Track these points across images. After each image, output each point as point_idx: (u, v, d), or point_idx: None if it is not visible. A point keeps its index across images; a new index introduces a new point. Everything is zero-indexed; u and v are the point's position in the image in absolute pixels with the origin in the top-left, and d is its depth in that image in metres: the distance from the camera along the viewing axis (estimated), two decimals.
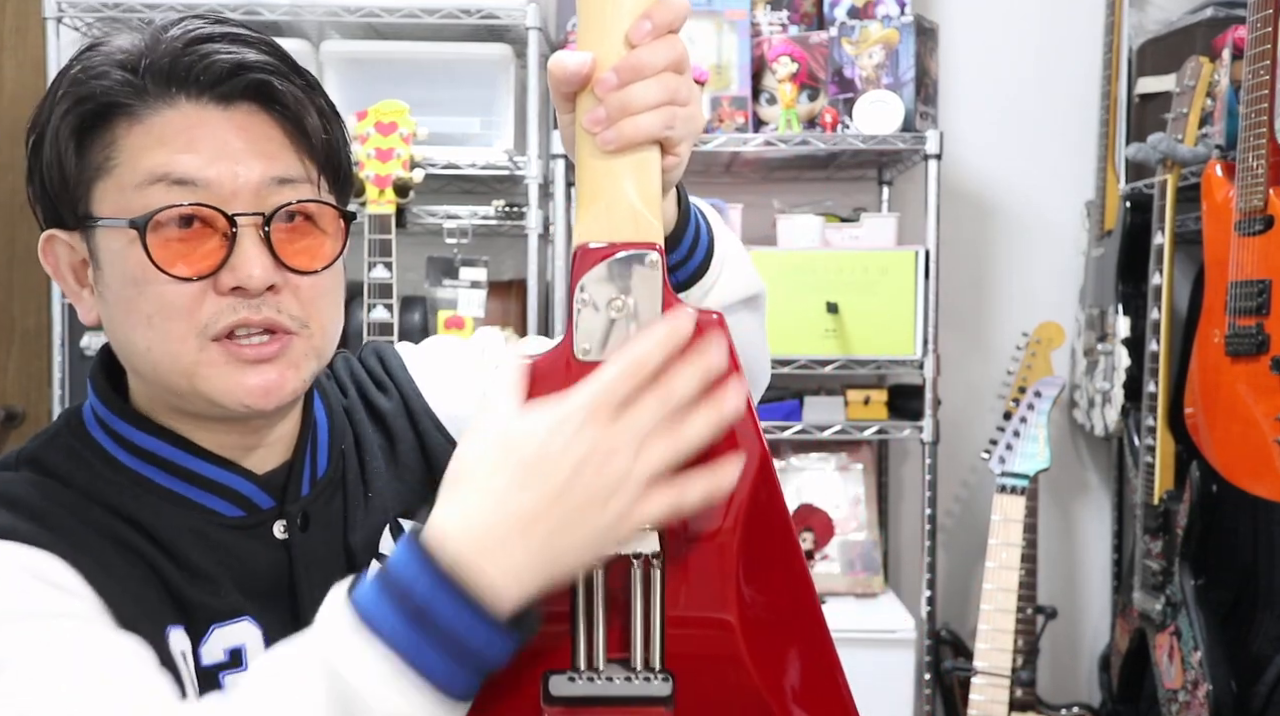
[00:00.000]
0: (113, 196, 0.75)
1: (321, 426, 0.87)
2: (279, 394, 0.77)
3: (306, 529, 0.83)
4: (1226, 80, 1.97)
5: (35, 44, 2.38)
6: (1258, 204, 1.77)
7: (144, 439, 0.79)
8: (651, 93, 0.71)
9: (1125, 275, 2.25)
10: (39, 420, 2.41)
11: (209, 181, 0.74)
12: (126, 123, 0.75)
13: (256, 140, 0.76)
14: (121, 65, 0.75)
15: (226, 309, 0.74)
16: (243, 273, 0.74)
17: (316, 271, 0.78)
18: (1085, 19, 2.51)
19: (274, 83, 0.76)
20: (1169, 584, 2.04)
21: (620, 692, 0.72)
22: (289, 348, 0.77)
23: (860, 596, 2.30)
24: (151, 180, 0.74)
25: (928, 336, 2.17)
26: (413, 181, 2.00)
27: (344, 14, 2.15)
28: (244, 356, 0.75)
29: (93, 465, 0.78)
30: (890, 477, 2.55)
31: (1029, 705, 2.22)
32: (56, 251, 0.80)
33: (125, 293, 0.75)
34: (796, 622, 0.74)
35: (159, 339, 0.75)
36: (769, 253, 2.18)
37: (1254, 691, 1.91)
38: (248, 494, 0.81)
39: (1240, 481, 1.84)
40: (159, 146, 0.74)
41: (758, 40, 2.28)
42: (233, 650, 0.77)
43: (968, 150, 2.55)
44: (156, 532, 0.77)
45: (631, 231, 0.71)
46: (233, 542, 0.80)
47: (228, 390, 0.75)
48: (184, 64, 0.75)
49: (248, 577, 0.80)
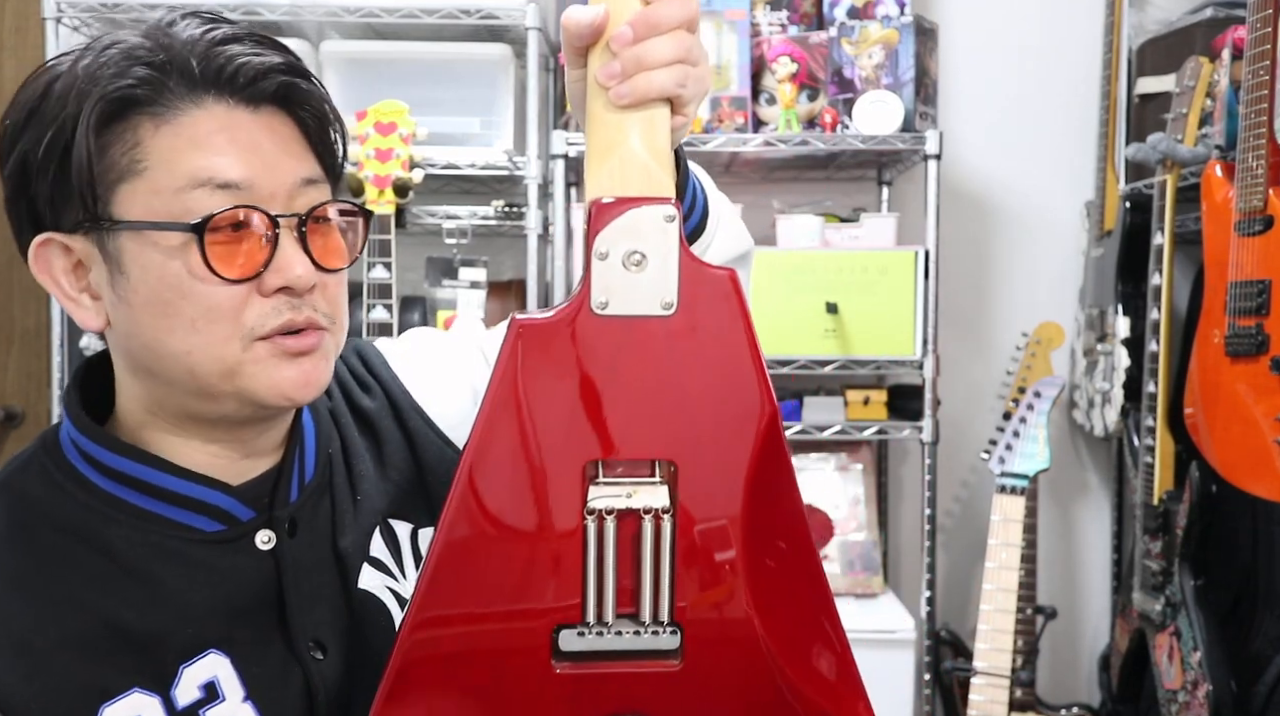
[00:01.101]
0: (144, 199, 0.73)
1: (309, 430, 0.87)
2: (317, 385, 0.78)
3: (295, 535, 0.82)
4: (1226, 80, 1.97)
5: (35, 44, 2.37)
6: (1257, 204, 1.77)
7: (114, 460, 0.78)
8: (666, 48, 0.71)
9: (1125, 275, 2.25)
10: (39, 420, 2.41)
11: (251, 184, 0.74)
12: (151, 123, 0.74)
13: (284, 142, 0.77)
14: (144, 63, 0.74)
15: (271, 311, 0.75)
16: (290, 273, 0.75)
17: (341, 269, 0.80)
18: (1085, 19, 2.51)
19: (299, 84, 0.78)
20: (1169, 584, 2.04)
21: (629, 646, 0.73)
22: (323, 342, 0.78)
23: (860, 596, 2.30)
24: (194, 184, 0.73)
25: (927, 336, 2.17)
26: (412, 182, 2.00)
27: (344, 14, 2.15)
28: (289, 349, 0.76)
29: (66, 488, 0.78)
30: (890, 478, 2.55)
31: (1029, 705, 2.22)
32: (50, 256, 0.77)
33: (164, 296, 0.74)
34: (801, 579, 0.75)
35: (203, 342, 0.74)
36: (769, 253, 2.18)
37: (1254, 691, 1.91)
38: (226, 507, 0.80)
39: (1240, 481, 1.84)
40: (193, 149, 0.73)
41: (757, 40, 2.28)
42: (206, 684, 0.77)
43: (967, 150, 2.55)
44: (125, 560, 0.76)
45: (645, 185, 0.72)
46: (212, 559, 0.79)
47: (272, 384, 0.76)
48: (214, 65, 0.75)
49: (228, 594, 0.79)
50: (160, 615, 0.76)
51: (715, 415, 0.72)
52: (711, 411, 0.72)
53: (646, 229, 0.71)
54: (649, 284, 0.71)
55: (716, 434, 0.73)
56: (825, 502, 2.29)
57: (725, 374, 0.72)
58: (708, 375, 0.72)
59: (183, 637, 0.76)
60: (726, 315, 0.72)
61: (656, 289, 0.71)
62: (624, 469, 0.73)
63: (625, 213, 0.71)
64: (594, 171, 0.72)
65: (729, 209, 0.92)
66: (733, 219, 0.92)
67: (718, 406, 0.72)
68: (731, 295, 0.72)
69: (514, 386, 0.71)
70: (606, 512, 0.72)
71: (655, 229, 0.71)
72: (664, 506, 0.72)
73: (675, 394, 0.72)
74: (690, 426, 0.72)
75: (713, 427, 0.72)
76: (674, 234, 0.71)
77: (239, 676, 0.78)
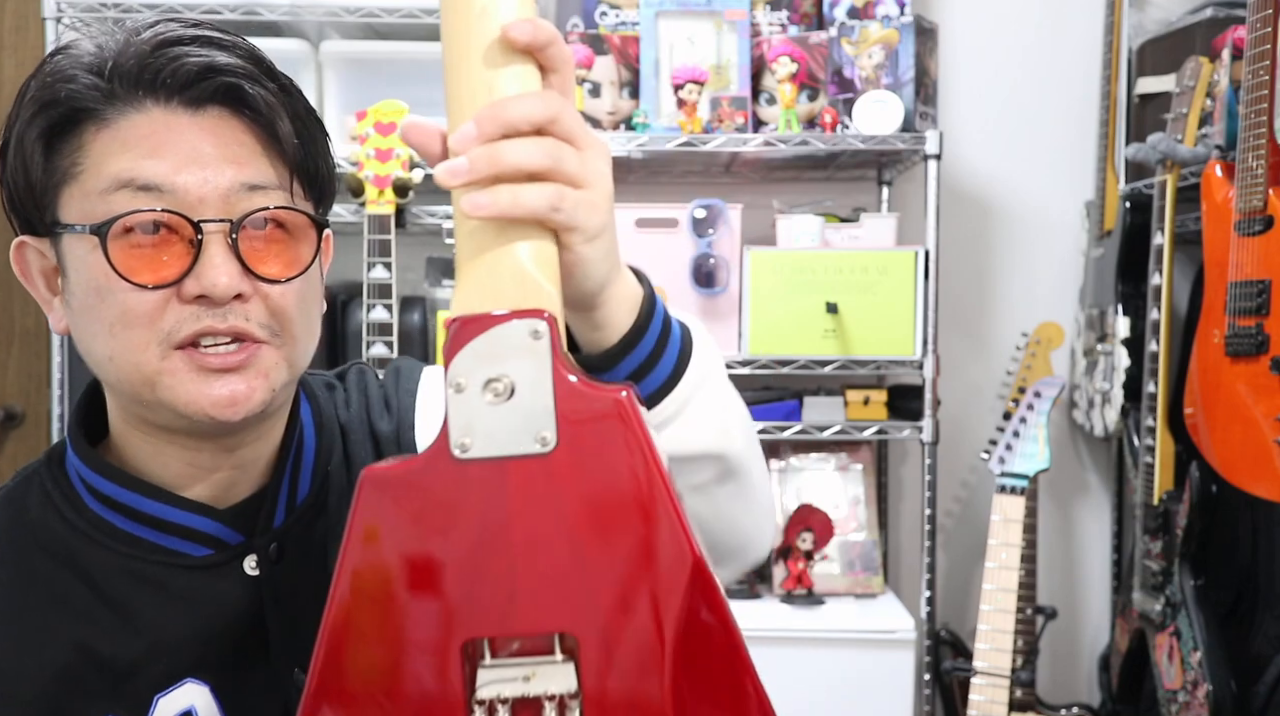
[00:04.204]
0: (78, 202, 0.73)
1: (308, 446, 0.84)
2: (246, 404, 0.73)
3: (281, 560, 0.80)
4: (1226, 80, 1.97)
5: (35, 44, 2.38)
6: (1257, 204, 1.77)
7: (103, 484, 0.77)
8: (528, 152, 0.60)
9: (1125, 275, 2.25)
10: (39, 420, 2.42)
11: (175, 187, 0.71)
12: (94, 128, 0.73)
13: (226, 145, 0.73)
14: (89, 69, 0.73)
15: (189, 317, 0.71)
16: (207, 280, 0.71)
17: (286, 280, 0.75)
18: (1085, 19, 2.51)
19: (244, 86, 0.74)
20: (1169, 584, 2.04)
21: None
22: (258, 356, 0.74)
23: (860, 596, 2.30)
24: (116, 186, 0.71)
25: (927, 336, 2.17)
26: (412, 182, 2.00)
27: (344, 14, 2.15)
28: (208, 364, 0.72)
29: (60, 509, 0.78)
30: (890, 478, 2.55)
31: (1028, 705, 2.22)
32: (27, 258, 0.78)
33: (88, 300, 0.73)
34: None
35: (120, 348, 0.72)
36: (769, 252, 2.18)
37: (1254, 691, 1.91)
38: (212, 532, 0.78)
39: (1240, 482, 1.84)
40: (124, 151, 0.72)
41: (757, 40, 2.28)
42: (183, 714, 0.76)
43: (967, 150, 2.55)
44: (104, 589, 0.76)
45: (517, 297, 0.60)
46: (197, 586, 0.77)
47: (191, 400, 0.72)
48: (152, 67, 0.72)
49: (210, 622, 0.77)
50: (135, 645, 0.75)
51: (621, 572, 0.59)
52: (616, 568, 0.59)
53: (509, 349, 0.59)
54: (519, 416, 0.59)
55: (626, 595, 0.59)
56: (825, 502, 2.29)
57: (628, 519, 0.59)
58: (606, 523, 0.59)
59: (157, 668, 0.76)
60: (622, 446, 0.59)
61: (529, 422, 0.59)
62: (519, 645, 0.61)
63: (482, 333, 0.59)
64: (459, 285, 0.61)
65: (720, 395, 0.76)
66: (717, 408, 0.75)
67: (623, 561, 0.59)
68: (627, 418, 0.59)
69: (368, 553, 0.60)
70: (500, 701, 0.60)
71: (520, 348, 0.59)
72: (570, 690, 0.60)
73: (567, 549, 0.59)
74: (592, 588, 0.59)
75: (620, 588, 0.59)
76: (544, 352, 0.59)
77: (218, 704, 0.77)
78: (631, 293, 0.70)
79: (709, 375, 0.74)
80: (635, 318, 0.69)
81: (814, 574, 2.25)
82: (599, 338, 0.69)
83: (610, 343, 0.69)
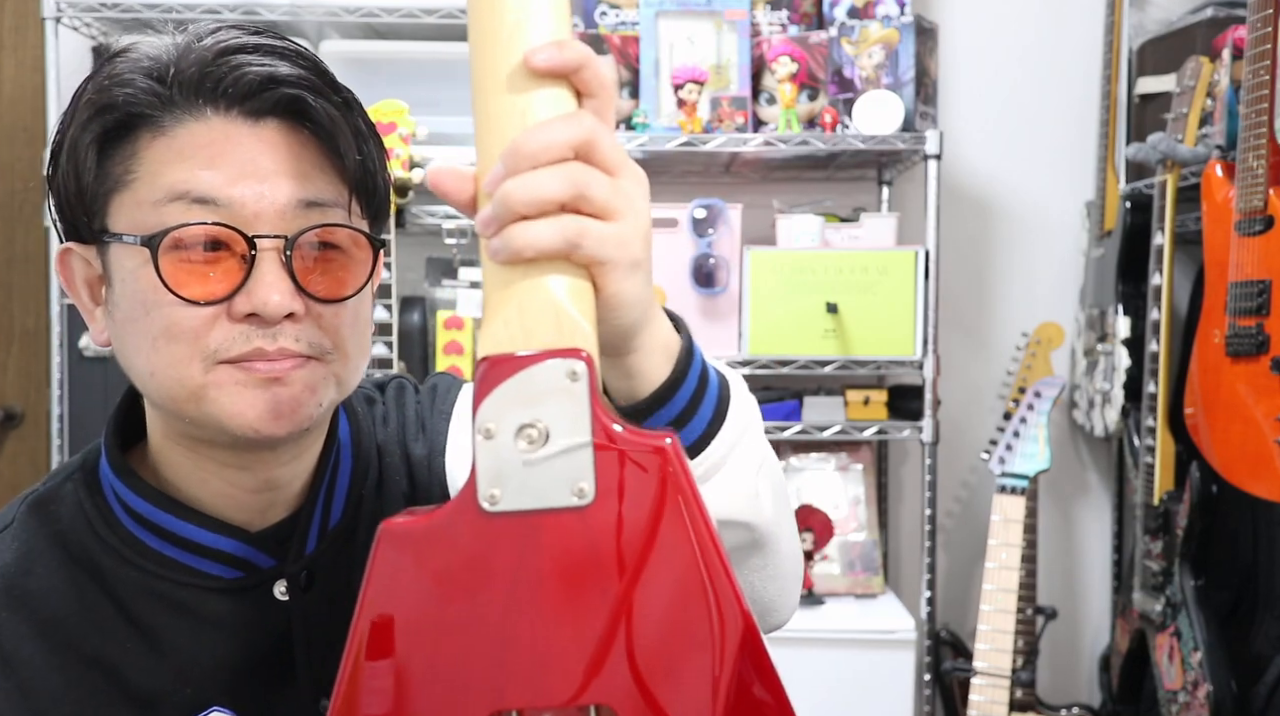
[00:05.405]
0: (129, 211, 0.70)
1: (343, 469, 0.81)
2: (292, 418, 0.70)
3: (310, 587, 0.78)
4: (1226, 80, 1.97)
5: (35, 44, 2.37)
6: (1258, 204, 1.77)
7: (136, 501, 0.75)
8: (544, 185, 0.55)
9: (1125, 275, 2.25)
10: (38, 420, 2.41)
11: (230, 200, 0.69)
12: (150, 135, 0.70)
13: (286, 159, 0.70)
14: (148, 73, 0.70)
15: (239, 337, 0.69)
16: (259, 298, 0.68)
17: (340, 300, 0.72)
18: (1085, 19, 2.51)
19: (307, 99, 0.71)
20: (1169, 584, 2.04)
21: None
22: (306, 368, 0.71)
23: (860, 597, 2.30)
24: (171, 197, 0.69)
25: (927, 336, 2.17)
26: (412, 182, 2.00)
27: (343, 14, 2.15)
28: (256, 372, 0.69)
29: (92, 521, 0.76)
30: (890, 478, 2.55)
31: (1029, 705, 2.22)
32: (72, 265, 0.75)
33: (133, 313, 0.70)
34: None
35: (162, 363, 0.69)
36: (769, 252, 2.18)
37: (1254, 691, 1.91)
38: (243, 556, 0.76)
39: (1240, 482, 1.84)
40: (180, 161, 0.69)
41: (757, 40, 2.28)
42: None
43: (967, 150, 2.55)
44: (132, 610, 0.75)
45: (551, 335, 0.54)
46: (226, 611, 0.76)
47: (237, 412, 0.69)
48: (213, 75, 0.70)
49: (237, 647, 0.76)
50: (160, 673, 0.74)
51: (665, 639, 0.54)
52: (659, 635, 0.54)
53: (544, 392, 0.54)
54: (554, 466, 0.54)
55: (671, 665, 0.54)
56: (825, 502, 2.29)
57: (673, 579, 0.54)
58: (648, 584, 0.54)
59: (181, 696, 0.74)
60: (666, 500, 0.54)
61: (565, 472, 0.54)
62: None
63: (514, 375, 0.54)
64: (486, 321, 0.56)
65: (758, 454, 0.71)
66: (755, 473, 0.70)
67: (668, 627, 0.54)
68: (672, 469, 0.54)
69: (386, 613, 0.55)
70: None
71: (556, 391, 0.54)
72: None
73: (605, 613, 0.54)
74: (632, 657, 0.54)
75: (664, 657, 0.54)
76: (582, 396, 0.54)
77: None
78: (667, 340, 0.64)
79: (745, 431, 0.70)
80: (671, 369, 0.64)
81: (814, 574, 2.25)
82: (629, 387, 0.64)
83: (641, 394, 0.64)
